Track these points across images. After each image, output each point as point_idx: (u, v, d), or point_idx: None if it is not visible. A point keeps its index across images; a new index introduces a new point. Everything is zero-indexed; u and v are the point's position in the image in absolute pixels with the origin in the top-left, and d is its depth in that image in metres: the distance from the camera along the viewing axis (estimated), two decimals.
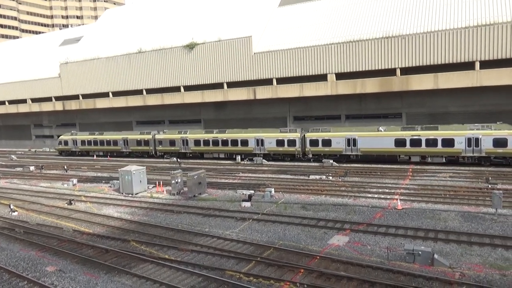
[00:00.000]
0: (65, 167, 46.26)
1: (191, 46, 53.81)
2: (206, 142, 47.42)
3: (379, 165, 37.98)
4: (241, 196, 27.92)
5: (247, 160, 45.31)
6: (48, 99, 70.21)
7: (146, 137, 52.33)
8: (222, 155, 47.22)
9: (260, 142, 44.01)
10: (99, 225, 23.31)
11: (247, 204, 25.56)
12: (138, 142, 52.94)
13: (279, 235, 19.69)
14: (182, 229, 21.35)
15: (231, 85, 52.06)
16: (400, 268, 15.05)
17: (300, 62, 46.57)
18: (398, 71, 41.49)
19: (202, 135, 47.90)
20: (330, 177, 33.37)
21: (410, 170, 34.75)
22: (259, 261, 16.30)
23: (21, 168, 49.52)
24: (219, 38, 52.32)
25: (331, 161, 39.63)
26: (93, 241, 20.29)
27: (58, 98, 69.09)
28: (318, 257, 16.41)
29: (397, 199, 24.80)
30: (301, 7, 52.63)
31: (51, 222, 24.62)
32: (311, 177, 33.92)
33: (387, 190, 27.77)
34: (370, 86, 42.41)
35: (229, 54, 51.18)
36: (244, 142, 44.88)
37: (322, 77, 45.60)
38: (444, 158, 35.77)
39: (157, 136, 51.38)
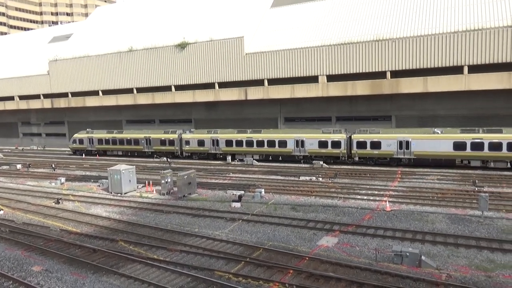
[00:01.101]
0: (53, 166, 45.68)
1: (182, 46, 53.60)
2: (239, 143, 44.61)
3: (369, 167, 38.27)
4: (231, 197, 27.88)
5: (237, 161, 45.26)
6: (37, 97, 69.30)
7: (171, 136, 49.26)
8: (256, 157, 44.31)
9: (300, 143, 41.29)
10: (87, 225, 23.06)
11: (237, 204, 25.54)
12: (162, 142, 49.78)
13: (268, 236, 19.71)
14: (171, 229, 21.25)
15: (223, 85, 51.99)
16: (388, 269, 15.18)
17: (291, 64, 46.72)
18: (388, 74, 41.88)
19: (234, 135, 45.16)
20: (320, 178, 33.52)
21: (399, 172, 35.09)
22: (249, 261, 16.30)
23: (8, 166, 48.73)
24: (211, 38, 52.22)
25: (321, 162, 39.80)
26: (81, 241, 20.06)
27: (46, 96, 68.22)
28: (307, 258, 16.47)
29: (386, 201, 25.01)
30: (293, 8, 52.80)
31: (37, 221, 24.28)
32: (301, 178, 34.03)
33: (376, 192, 28.00)
34: (361, 88, 42.72)
35: (221, 54, 51.09)
36: (282, 143, 42.16)
37: (314, 79, 45.79)
38: (508, 163, 33.73)
39: (184, 136, 48.46)
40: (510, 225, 19.93)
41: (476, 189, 27.61)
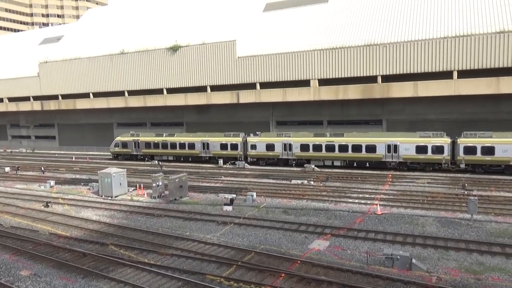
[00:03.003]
0: (42, 169, 45.14)
1: (174, 49, 53.50)
2: (317, 147, 40.50)
3: (360, 171, 38.48)
4: (222, 200, 27.79)
5: (229, 164, 45.19)
6: (26, 99, 68.52)
7: (234, 139, 45.03)
8: (338, 163, 40.38)
9: (393, 148, 37.52)
10: (76, 228, 22.80)
11: (229, 208, 25.48)
12: (223, 146, 45.62)
13: (260, 239, 19.68)
14: (162, 232, 21.11)
15: (215, 88, 52.00)
16: (379, 272, 15.26)
17: (283, 67, 46.91)
18: (379, 79, 42.27)
19: (311, 139, 40.97)
20: (312, 182, 33.61)
21: (390, 176, 35.34)
22: (240, 265, 16.25)
23: None
24: (203, 41, 52.22)
25: (313, 166, 39.90)
26: (70, 245, 19.82)
27: (36, 98, 67.50)
28: (299, 262, 16.48)
29: (377, 204, 25.17)
30: (285, 13, 53.09)
31: (26, 225, 23.94)
32: (293, 181, 34.10)
33: (367, 196, 28.16)
34: (352, 92, 43.04)
35: (213, 57, 51.12)
36: (371, 148, 38.18)
37: (305, 83, 46.04)
38: None
39: (250, 139, 44.29)
40: (499, 228, 20.19)
41: (466, 192, 27.93)
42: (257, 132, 46.32)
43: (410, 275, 15.06)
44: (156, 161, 48.98)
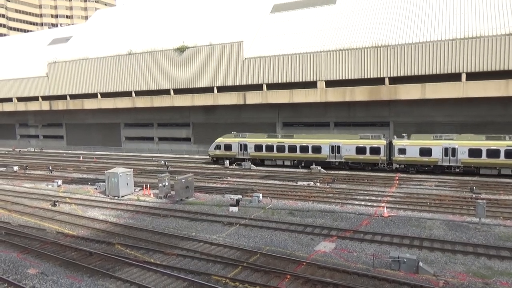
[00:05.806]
0: (50, 168, 45.52)
1: (181, 49, 53.70)
2: (493, 153, 33.65)
3: (366, 173, 38.28)
4: (228, 201, 27.83)
5: (235, 165, 45.19)
6: (35, 99, 69.19)
7: (375, 142, 38.36)
8: None
9: None
10: (83, 228, 22.95)
11: (235, 209, 25.48)
12: (359, 150, 39.01)
13: (266, 241, 19.65)
14: (168, 233, 21.17)
15: (222, 89, 52.09)
16: (386, 275, 15.15)
17: (290, 69, 46.86)
18: (386, 80, 42.04)
19: (484, 142, 34.13)
20: (318, 184, 33.51)
21: (397, 178, 35.10)
22: (246, 266, 16.24)
23: (4, 168, 48.52)
24: (210, 42, 52.37)
25: (319, 167, 39.77)
26: (77, 244, 19.95)
27: (45, 98, 68.13)
28: (304, 263, 16.42)
29: (383, 206, 25.02)
30: (292, 14, 53.05)
31: (34, 224, 24.15)
32: (299, 183, 34.02)
33: (373, 198, 28.00)
34: (359, 94, 42.86)
35: (220, 58, 51.22)
36: None
37: (312, 84, 45.93)
38: None
39: (397, 142, 37.52)
40: (508, 232, 19.96)
41: (474, 195, 27.65)
42: (403, 134, 39.72)
43: (417, 278, 14.94)
44: (163, 161, 49.12)
